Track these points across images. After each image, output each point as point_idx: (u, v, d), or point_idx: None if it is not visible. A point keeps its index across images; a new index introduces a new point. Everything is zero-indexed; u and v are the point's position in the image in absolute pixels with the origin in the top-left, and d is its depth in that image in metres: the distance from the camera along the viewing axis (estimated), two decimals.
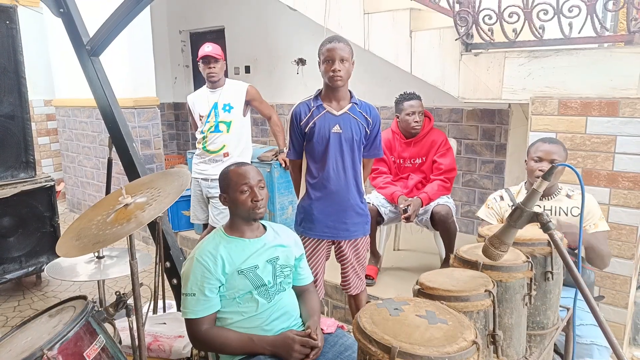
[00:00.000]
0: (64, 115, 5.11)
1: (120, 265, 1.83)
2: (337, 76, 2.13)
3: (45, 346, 1.11)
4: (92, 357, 1.19)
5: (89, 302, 1.29)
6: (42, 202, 3.42)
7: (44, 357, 1.09)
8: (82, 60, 2.72)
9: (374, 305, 0.96)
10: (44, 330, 1.21)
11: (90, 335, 1.23)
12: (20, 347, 1.16)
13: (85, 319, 1.22)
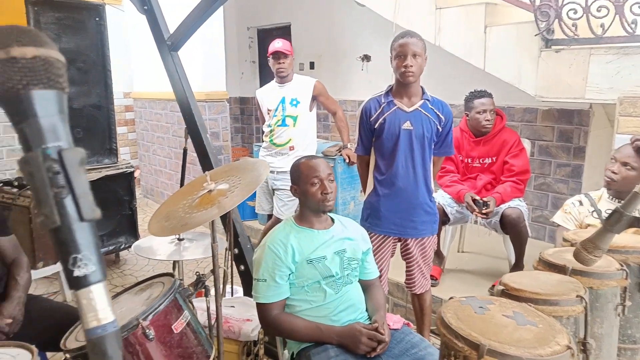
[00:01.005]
0: (140, 107, 5.44)
1: (196, 248, 1.93)
2: (408, 72, 2.11)
3: (141, 316, 1.20)
4: (179, 330, 1.28)
5: (176, 279, 1.37)
6: (122, 187, 3.66)
7: (139, 325, 1.18)
8: (162, 54, 2.87)
9: (457, 301, 0.95)
10: (136, 302, 1.31)
11: (177, 310, 1.32)
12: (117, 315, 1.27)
13: (174, 295, 1.31)
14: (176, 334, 1.28)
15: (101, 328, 0.39)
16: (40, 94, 0.40)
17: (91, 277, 0.38)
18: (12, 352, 1.12)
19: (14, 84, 0.40)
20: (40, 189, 0.38)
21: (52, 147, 0.40)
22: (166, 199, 1.52)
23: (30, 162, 0.39)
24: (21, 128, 0.40)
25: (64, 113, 0.42)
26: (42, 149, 0.39)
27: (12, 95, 0.40)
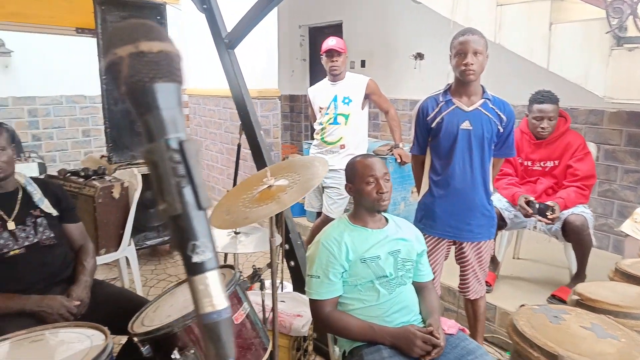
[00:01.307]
0: (195, 103, 5.61)
1: (250, 242, 1.97)
2: (469, 70, 2.05)
3: None
4: (239, 321, 1.30)
5: (236, 271, 1.40)
6: None
7: None
8: (220, 52, 2.94)
9: (529, 309, 0.92)
10: None
11: (238, 301, 1.35)
12: (180, 303, 1.32)
13: (234, 287, 1.34)
14: (236, 324, 1.31)
15: (216, 314, 0.40)
16: (163, 87, 0.42)
17: (208, 263, 0.40)
18: (87, 333, 1.19)
19: (142, 77, 0.41)
20: (163, 178, 0.40)
21: (173, 138, 0.41)
22: (226, 193, 1.56)
23: (154, 152, 0.41)
24: (145, 120, 0.42)
25: (181, 105, 0.44)
26: (164, 140, 0.41)
27: (139, 88, 0.42)
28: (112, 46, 0.42)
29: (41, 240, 2.03)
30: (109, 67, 0.43)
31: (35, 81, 5.01)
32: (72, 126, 5.40)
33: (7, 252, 1.94)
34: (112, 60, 0.42)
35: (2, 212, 1.97)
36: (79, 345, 1.13)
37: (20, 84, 4.92)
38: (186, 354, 1.23)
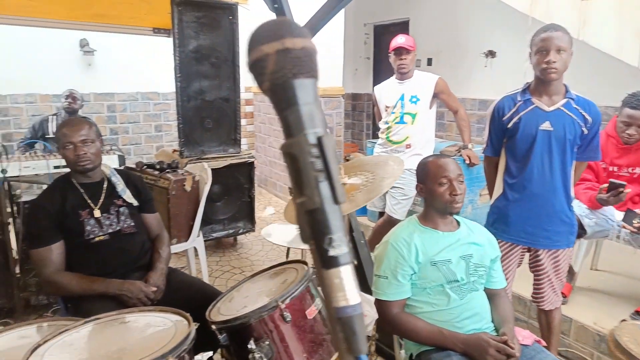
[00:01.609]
0: (260, 101, 5.75)
1: None
2: (551, 68, 1.94)
3: (280, 298, 1.26)
4: (312, 316, 1.32)
5: (309, 267, 1.42)
6: (243, 175, 3.91)
7: (277, 307, 1.25)
8: None
9: (634, 325, 0.85)
10: (271, 284, 1.38)
11: (310, 297, 1.36)
12: (255, 295, 1.35)
13: (308, 282, 1.35)
14: (309, 319, 1.33)
15: (351, 308, 0.40)
16: (302, 83, 0.43)
17: (343, 258, 0.40)
18: (171, 318, 1.25)
19: (286, 72, 0.42)
20: (303, 172, 0.40)
21: (311, 133, 0.42)
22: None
23: (294, 146, 0.41)
24: (285, 115, 0.43)
25: (318, 100, 0.45)
26: (303, 135, 0.42)
27: (282, 84, 0.42)
28: (258, 43, 0.43)
29: (123, 229, 2.16)
30: (254, 64, 0.44)
31: (114, 78, 5.35)
32: (146, 121, 5.71)
33: (93, 238, 2.08)
34: (259, 57, 0.43)
35: (90, 201, 2.11)
36: (164, 328, 1.19)
37: (100, 81, 5.28)
38: (261, 345, 1.25)
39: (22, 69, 4.81)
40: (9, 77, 4.75)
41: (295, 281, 1.35)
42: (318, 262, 0.40)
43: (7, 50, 4.69)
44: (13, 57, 4.73)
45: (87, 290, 1.98)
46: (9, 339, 1.56)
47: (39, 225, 2.00)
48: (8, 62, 4.72)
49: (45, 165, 2.78)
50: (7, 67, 4.73)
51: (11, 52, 4.72)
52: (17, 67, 4.77)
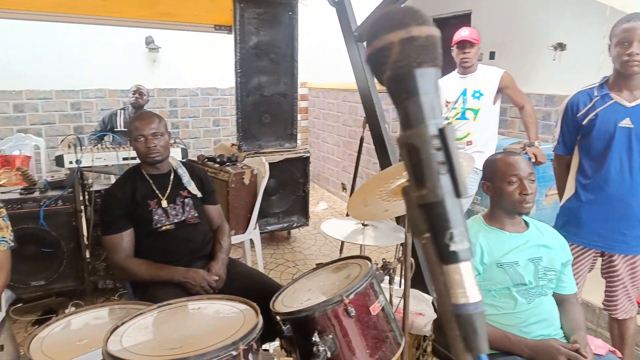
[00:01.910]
0: (315, 96, 5.78)
1: (378, 234, 1.96)
2: (633, 61, 1.81)
3: (344, 293, 1.26)
4: (376, 312, 1.31)
5: (373, 263, 1.41)
6: (298, 170, 3.95)
7: (342, 301, 1.25)
8: (349, 45, 2.97)
9: None
10: (334, 279, 1.38)
11: (374, 293, 1.35)
12: (318, 288, 1.36)
13: (372, 278, 1.34)
14: (373, 315, 1.32)
15: (472, 305, 0.39)
16: (425, 72, 0.42)
17: (463, 254, 0.39)
18: (239, 307, 1.28)
19: (410, 61, 0.42)
20: (425, 164, 0.40)
21: (432, 124, 0.41)
22: (362, 185, 1.56)
23: (415, 137, 0.41)
24: (405, 106, 0.42)
25: (439, 90, 0.44)
26: (424, 126, 0.41)
27: (404, 73, 0.42)
28: (383, 31, 0.43)
29: (187, 219, 2.24)
30: (376, 53, 0.43)
31: (176, 74, 5.56)
32: (205, 116, 5.90)
33: (160, 226, 2.17)
34: (382, 46, 0.43)
35: (158, 191, 2.21)
36: (233, 316, 1.22)
37: (164, 77, 5.50)
38: (325, 338, 1.26)
39: (93, 66, 5.10)
40: (81, 73, 5.06)
41: (360, 276, 1.34)
42: (435, 257, 0.39)
43: (80, 47, 5.00)
44: (85, 54, 5.03)
45: (154, 277, 2.07)
46: (85, 319, 1.66)
47: (111, 213, 2.12)
48: (81, 58, 5.03)
49: (115, 157, 2.93)
50: (80, 63, 5.04)
51: (83, 50, 5.02)
52: (88, 63, 5.08)
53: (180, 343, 1.09)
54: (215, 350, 1.01)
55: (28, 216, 2.72)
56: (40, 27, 4.76)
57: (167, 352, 1.04)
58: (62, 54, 4.93)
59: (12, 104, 4.85)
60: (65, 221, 2.85)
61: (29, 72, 4.84)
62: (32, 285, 2.84)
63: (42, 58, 4.86)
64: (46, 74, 4.91)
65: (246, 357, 1.05)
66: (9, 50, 4.71)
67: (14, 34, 4.69)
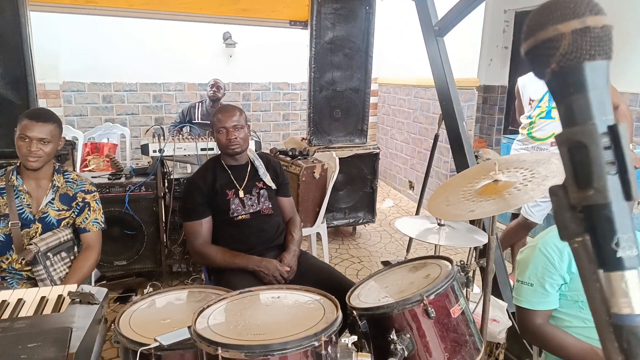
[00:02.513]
0: (385, 92, 5.71)
1: (452, 236, 1.90)
2: None
3: (425, 293, 1.23)
4: (456, 315, 1.26)
5: (455, 264, 1.36)
6: (367, 166, 3.92)
7: (422, 301, 1.22)
8: (427, 40, 2.89)
9: None
10: (412, 277, 1.35)
11: (455, 295, 1.30)
12: (395, 286, 1.34)
13: (453, 280, 1.30)
14: (453, 318, 1.28)
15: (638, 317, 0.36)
16: (596, 65, 0.39)
17: (631, 261, 0.36)
18: (318, 299, 1.29)
19: (581, 54, 0.39)
20: (594, 163, 0.37)
21: (601, 121, 0.38)
22: (443, 184, 1.51)
23: (583, 135, 0.38)
24: (570, 101, 0.40)
25: (608, 85, 0.40)
26: (592, 123, 0.38)
27: (572, 67, 0.39)
28: (552, 22, 0.40)
29: (262, 209, 2.30)
30: (541, 45, 0.41)
31: (250, 69, 5.73)
32: (275, 110, 6.03)
33: (237, 216, 2.25)
34: (550, 37, 0.40)
35: (236, 182, 2.28)
36: (313, 308, 1.23)
37: (239, 72, 5.69)
38: (402, 337, 1.24)
39: (174, 60, 5.38)
40: (163, 67, 5.36)
41: (441, 277, 1.30)
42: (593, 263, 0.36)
43: (163, 43, 5.29)
44: (167, 49, 5.31)
45: (229, 264, 2.15)
46: (167, 299, 1.75)
47: (193, 201, 2.22)
48: (163, 53, 5.32)
49: (195, 147, 3.07)
50: (162, 58, 5.34)
51: (166, 45, 5.30)
52: (170, 58, 5.36)
53: (264, 330, 1.11)
54: (298, 340, 1.02)
55: (115, 200, 2.92)
56: (128, 24, 5.10)
57: (252, 337, 1.07)
58: (147, 49, 5.25)
59: (102, 95, 5.23)
60: (147, 206, 3.03)
61: (117, 66, 5.19)
62: (115, 265, 3.05)
63: (128, 52, 5.20)
64: (132, 68, 5.26)
65: (326, 348, 1.06)
66: (100, 45, 5.08)
67: (105, 31, 5.06)
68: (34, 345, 0.73)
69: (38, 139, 1.86)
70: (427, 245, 3.94)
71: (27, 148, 1.85)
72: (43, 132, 1.87)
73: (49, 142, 1.90)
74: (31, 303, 1.01)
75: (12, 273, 1.95)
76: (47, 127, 1.90)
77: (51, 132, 1.91)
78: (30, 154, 1.85)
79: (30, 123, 1.87)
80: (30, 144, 1.85)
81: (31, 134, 1.85)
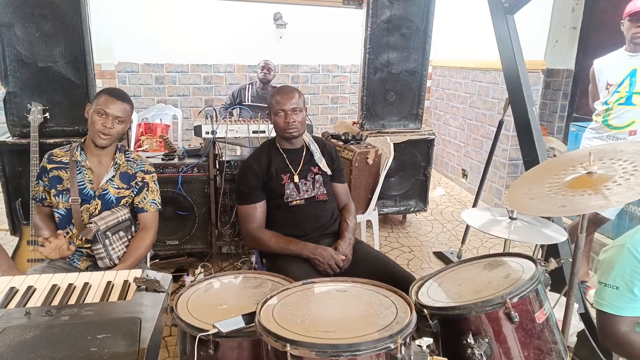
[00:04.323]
0: (439, 75, 5.47)
1: (526, 231, 1.74)
2: None
3: (508, 295, 1.11)
4: (541, 321, 1.14)
5: (539, 265, 1.23)
6: (421, 152, 3.76)
7: (505, 303, 1.10)
8: (496, 17, 2.69)
9: None
10: (490, 277, 1.24)
11: (539, 299, 1.18)
12: (470, 285, 1.22)
13: (538, 282, 1.17)
14: (537, 324, 1.15)
15: None
16: None
17: None
18: (387, 295, 1.20)
19: None
20: None
21: None
22: (523, 175, 1.37)
23: None
24: None
25: None
26: None
27: None
28: None
29: (317, 195, 2.22)
30: None
31: (300, 51, 5.62)
32: (323, 93, 5.92)
33: (291, 201, 2.18)
34: None
35: (291, 166, 2.21)
36: (383, 305, 1.14)
37: (288, 53, 5.60)
38: (480, 341, 1.13)
39: (224, 41, 5.36)
40: (213, 48, 5.35)
41: (525, 279, 1.18)
42: None
43: (213, 23, 5.27)
44: (217, 30, 5.29)
45: (284, 249, 2.09)
46: (223, 283, 1.72)
47: (248, 184, 2.17)
48: (214, 34, 5.30)
49: (247, 130, 3.02)
50: (213, 39, 5.33)
51: (216, 26, 5.28)
52: (220, 39, 5.34)
53: (333, 327, 1.03)
54: (372, 341, 0.94)
55: (168, 180, 2.94)
56: (180, 5, 5.11)
57: (321, 334, 1.00)
58: (198, 30, 5.25)
59: (154, 76, 5.30)
60: (198, 188, 3.03)
61: (169, 47, 5.23)
62: (167, 244, 3.09)
63: (180, 33, 5.22)
64: (183, 49, 5.28)
65: (401, 351, 0.97)
66: (153, 26, 5.13)
67: (158, 11, 5.10)
68: (104, 337, 0.68)
69: (114, 117, 1.89)
70: (482, 238, 3.76)
71: (102, 124, 1.87)
72: (120, 110, 1.91)
73: (122, 121, 1.93)
74: (97, 288, 0.98)
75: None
76: (124, 106, 1.93)
77: (126, 111, 1.94)
78: (104, 130, 1.87)
79: (111, 99, 1.90)
80: (106, 119, 1.88)
81: (109, 111, 1.88)
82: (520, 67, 2.62)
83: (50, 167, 1.96)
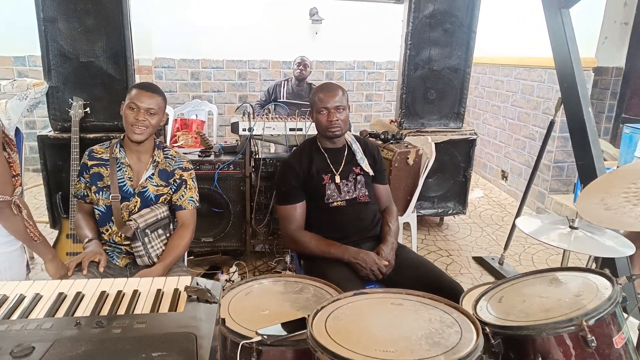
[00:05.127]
0: (479, 72, 5.28)
1: (589, 242, 1.61)
2: None
3: (584, 317, 1.01)
4: (619, 346, 1.03)
5: (617, 283, 1.12)
6: (461, 153, 3.62)
7: (582, 326, 1.00)
8: (549, 11, 2.55)
9: None
10: (558, 294, 1.13)
11: (617, 322, 1.07)
12: (537, 302, 1.12)
13: (617, 303, 1.06)
14: (615, 349, 1.05)
15: None
16: None
17: None
18: (444, 309, 1.10)
19: None
20: None
21: None
22: (594, 181, 1.25)
23: None
24: None
25: None
26: None
27: None
28: None
29: (358, 197, 2.14)
30: None
31: (336, 47, 5.54)
32: (358, 90, 5.82)
33: (332, 202, 2.11)
34: None
35: (332, 166, 2.14)
36: (444, 322, 1.05)
37: (323, 49, 5.52)
38: None
39: (260, 37, 5.32)
40: (249, 44, 5.32)
41: (602, 299, 1.07)
42: None
43: (248, 19, 5.24)
44: (253, 26, 5.26)
45: (324, 252, 2.02)
46: (264, 287, 1.68)
47: (288, 183, 2.11)
48: (249, 30, 5.28)
49: (284, 127, 2.97)
50: (248, 34, 5.30)
51: (251, 21, 5.25)
52: (256, 35, 5.31)
53: (393, 346, 0.96)
54: None
55: (204, 177, 2.91)
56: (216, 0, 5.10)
57: (382, 354, 0.92)
58: (234, 26, 5.23)
59: (190, 72, 5.32)
60: (234, 185, 2.99)
61: (205, 42, 5.23)
62: (202, 241, 3.06)
63: (216, 29, 5.21)
64: (219, 45, 5.27)
65: None
66: (189, 21, 5.14)
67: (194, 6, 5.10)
68: (158, 356, 0.63)
69: (146, 109, 1.87)
70: (524, 243, 3.60)
71: (134, 117, 1.86)
72: (151, 102, 1.88)
73: (154, 113, 1.90)
74: (147, 296, 0.94)
75: (112, 246, 1.97)
76: (155, 98, 1.90)
77: (158, 104, 1.91)
78: (137, 123, 1.85)
79: (141, 93, 1.88)
80: (138, 112, 1.86)
81: (140, 104, 1.86)
82: (576, 64, 2.47)
83: (91, 163, 1.95)
